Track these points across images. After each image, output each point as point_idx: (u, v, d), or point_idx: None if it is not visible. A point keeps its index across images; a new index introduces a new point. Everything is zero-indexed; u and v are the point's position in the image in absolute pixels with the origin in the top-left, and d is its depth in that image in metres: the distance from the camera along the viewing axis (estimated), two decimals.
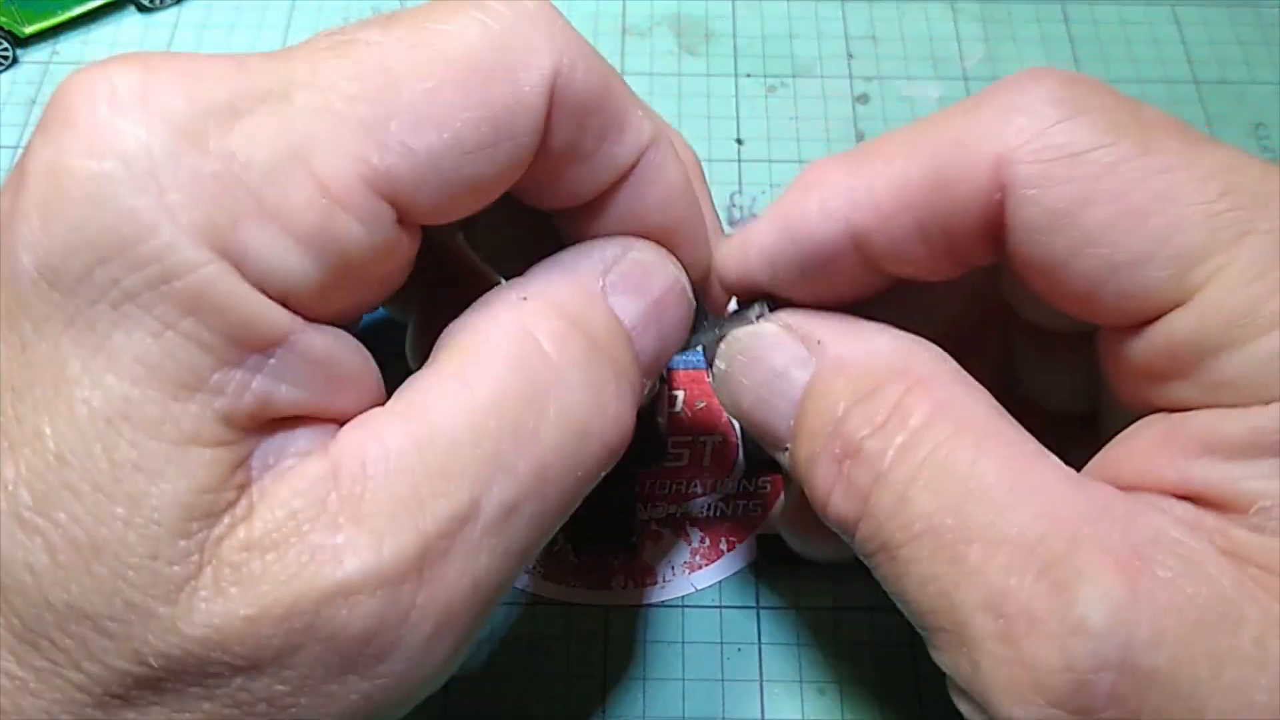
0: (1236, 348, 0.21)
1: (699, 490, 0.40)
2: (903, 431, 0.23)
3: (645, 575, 0.38)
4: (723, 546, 0.39)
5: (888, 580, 0.24)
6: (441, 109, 0.22)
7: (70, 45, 0.52)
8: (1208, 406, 0.22)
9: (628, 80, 0.26)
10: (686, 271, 0.28)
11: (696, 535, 0.39)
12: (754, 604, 0.38)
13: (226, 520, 0.21)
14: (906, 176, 0.24)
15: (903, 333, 0.26)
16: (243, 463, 0.22)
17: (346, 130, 0.21)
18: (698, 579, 0.38)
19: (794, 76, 0.52)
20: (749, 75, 0.52)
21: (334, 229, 0.21)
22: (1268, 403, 0.21)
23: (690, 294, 0.29)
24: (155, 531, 0.20)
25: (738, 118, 0.50)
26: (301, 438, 0.23)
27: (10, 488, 0.20)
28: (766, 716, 0.36)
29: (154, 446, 0.20)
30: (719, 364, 0.28)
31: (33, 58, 0.51)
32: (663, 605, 0.38)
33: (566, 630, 0.37)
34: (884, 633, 0.37)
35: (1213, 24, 0.53)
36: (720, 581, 0.38)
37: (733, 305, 0.30)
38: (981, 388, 0.25)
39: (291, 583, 0.21)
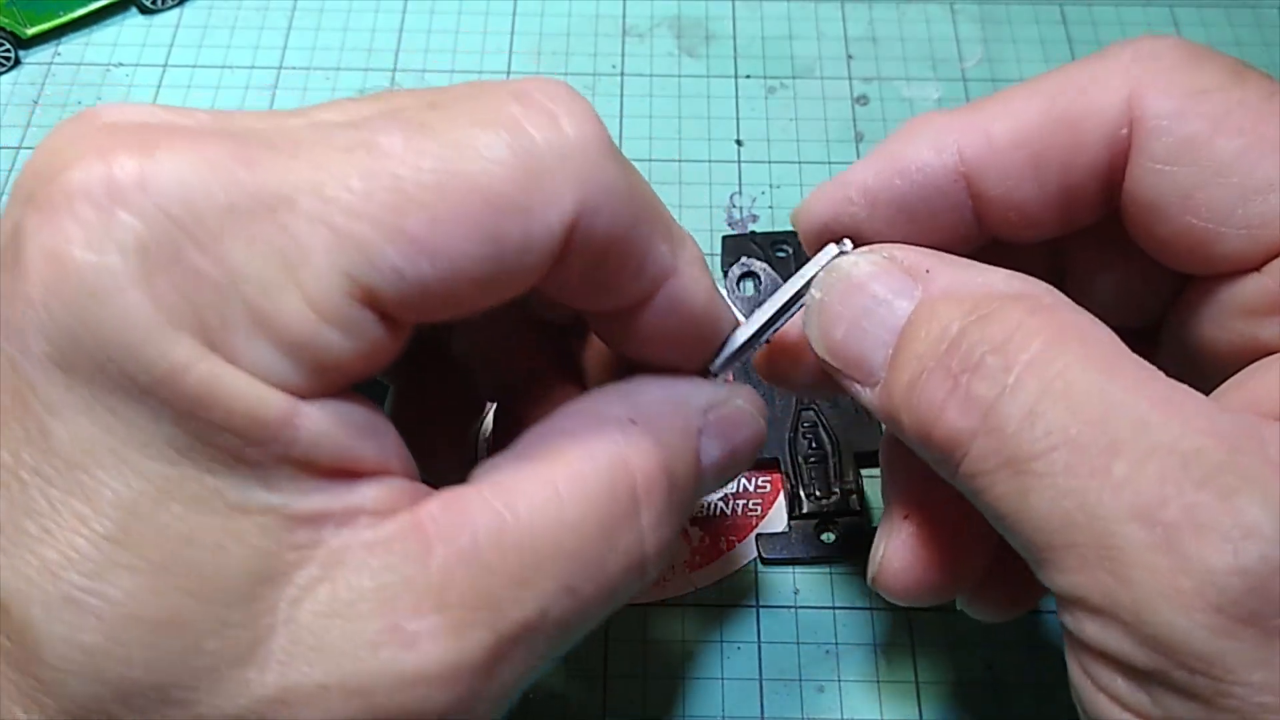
0: None
1: None
2: (1028, 350, 0.22)
3: None
4: (723, 546, 0.39)
5: (1005, 499, 0.22)
6: (444, 240, 0.21)
7: (72, 46, 0.52)
8: None
9: (627, 81, 0.26)
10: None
11: (696, 535, 0.39)
12: (754, 603, 0.38)
13: (300, 580, 0.21)
14: (1026, 113, 0.26)
15: (1013, 271, 0.25)
16: (304, 522, 0.21)
17: (340, 249, 0.21)
18: (698, 578, 0.38)
19: (794, 77, 0.52)
20: (749, 76, 0.52)
21: (319, 340, 0.21)
22: None
23: (762, 444, 0.29)
24: (224, 599, 0.20)
25: (738, 118, 0.50)
26: (364, 494, 0.22)
27: (56, 570, 0.20)
28: (766, 715, 0.36)
29: (206, 520, 0.20)
30: (814, 293, 0.27)
31: (35, 59, 0.51)
32: (663, 604, 0.38)
33: None
34: (884, 632, 0.37)
35: (1211, 25, 0.53)
36: (720, 581, 0.38)
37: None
38: (1100, 322, 0.24)
39: (369, 661, 0.21)
